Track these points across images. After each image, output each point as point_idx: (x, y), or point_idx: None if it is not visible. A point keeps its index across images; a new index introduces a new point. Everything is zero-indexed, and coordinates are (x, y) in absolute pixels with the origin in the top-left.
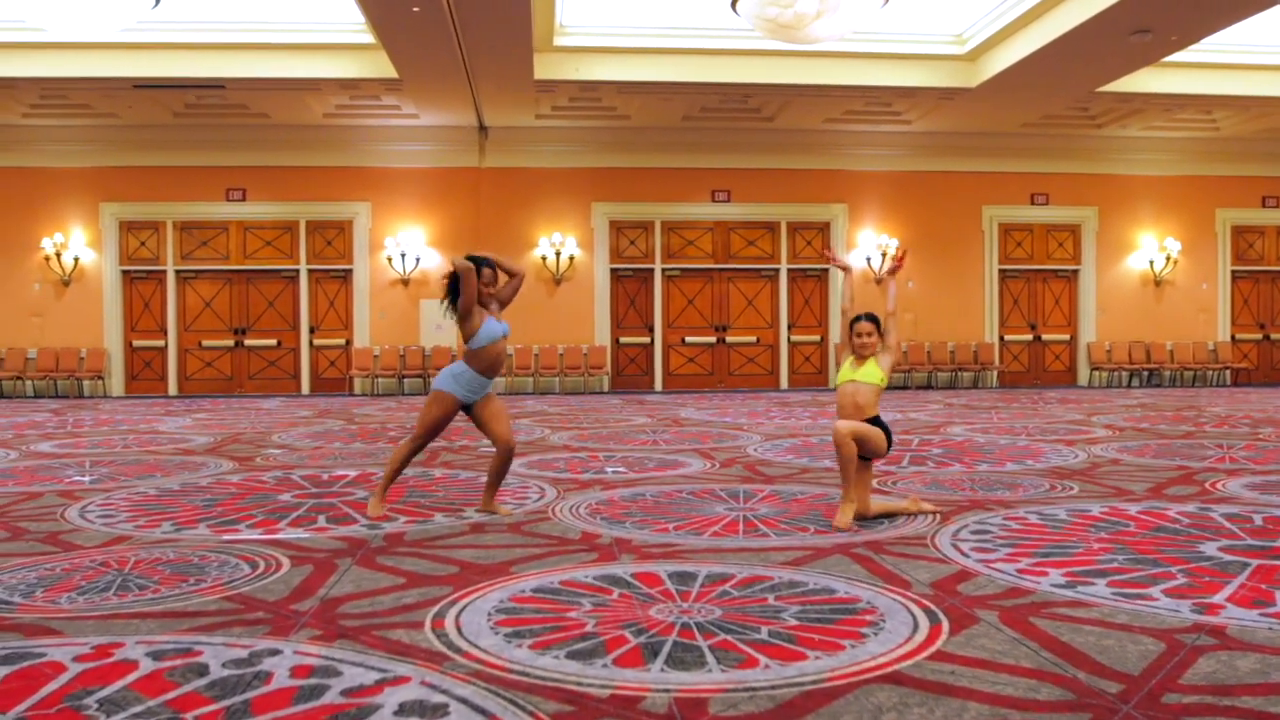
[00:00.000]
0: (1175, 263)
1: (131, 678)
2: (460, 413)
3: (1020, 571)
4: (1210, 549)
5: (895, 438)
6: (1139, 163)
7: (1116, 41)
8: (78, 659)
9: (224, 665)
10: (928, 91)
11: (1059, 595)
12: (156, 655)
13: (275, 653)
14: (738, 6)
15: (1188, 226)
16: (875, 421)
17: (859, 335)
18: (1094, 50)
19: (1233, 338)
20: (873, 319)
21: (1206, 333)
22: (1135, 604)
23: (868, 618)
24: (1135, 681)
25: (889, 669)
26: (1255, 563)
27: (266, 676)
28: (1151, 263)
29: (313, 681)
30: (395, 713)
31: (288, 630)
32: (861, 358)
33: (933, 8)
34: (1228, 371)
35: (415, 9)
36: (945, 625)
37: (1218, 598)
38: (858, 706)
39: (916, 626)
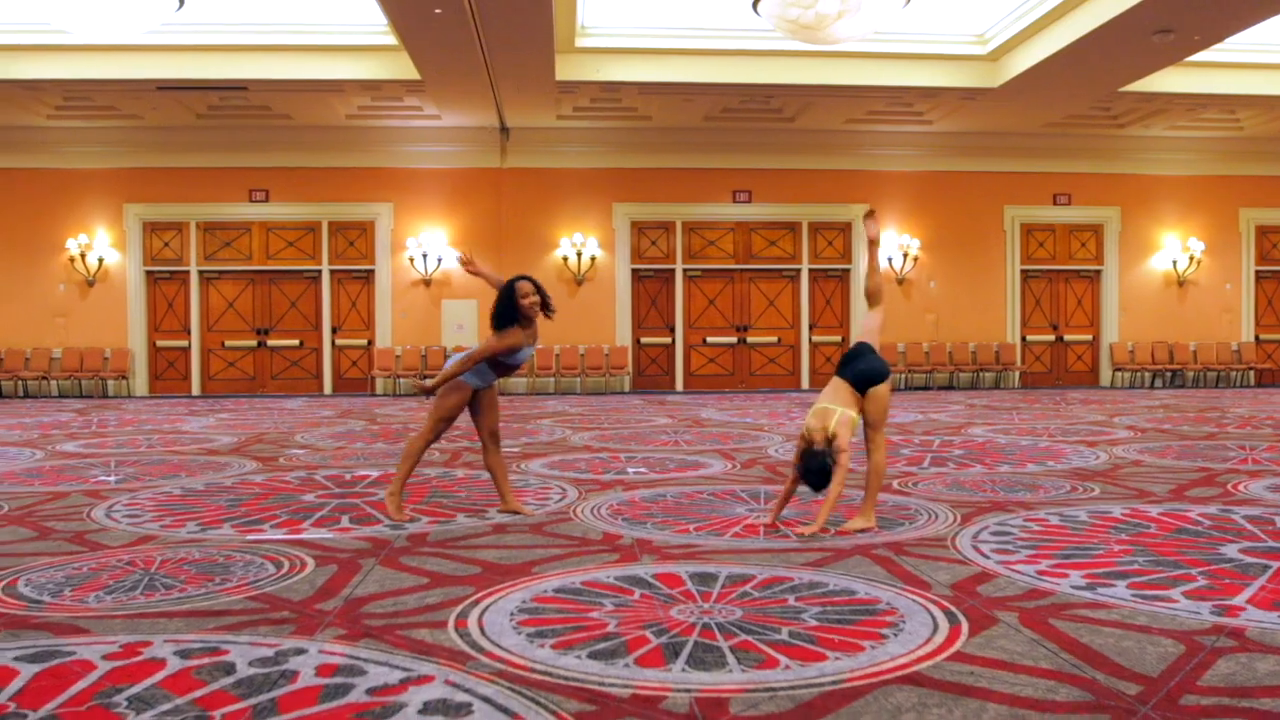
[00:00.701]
0: (1198, 263)
1: (159, 676)
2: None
3: (1040, 573)
4: (1231, 551)
5: (916, 438)
6: (1162, 162)
7: (1139, 41)
8: (106, 657)
9: (250, 664)
10: (949, 92)
11: (1079, 597)
12: (184, 654)
13: (301, 652)
14: (759, 7)
15: (1211, 226)
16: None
17: None
18: (1116, 50)
19: (1257, 338)
20: None
21: (1230, 333)
22: (1155, 606)
23: (887, 619)
24: (1154, 683)
25: (908, 670)
26: (1276, 565)
27: (292, 675)
28: (1175, 263)
29: (338, 680)
30: (420, 711)
31: (313, 629)
32: None
33: (954, 8)
34: (1251, 372)
35: (437, 11)
36: (964, 626)
37: (1238, 600)
38: (877, 707)
39: (936, 627)
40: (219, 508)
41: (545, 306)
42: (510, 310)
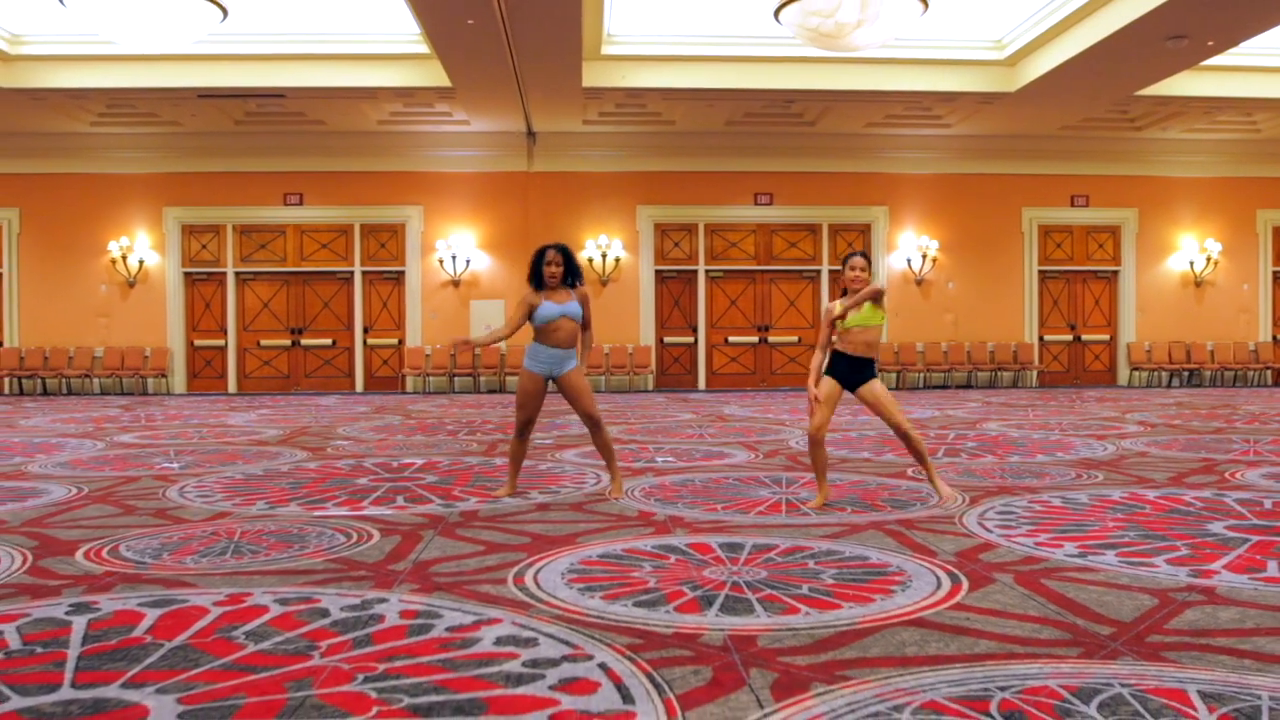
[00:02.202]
0: (1216, 263)
1: (267, 617)
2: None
3: (1038, 544)
4: (1217, 527)
5: (932, 432)
6: (1179, 164)
7: (1154, 46)
8: (216, 604)
9: (341, 609)
10: (968, 96)
11: (1070, 562)
12: (283, 601)
13: (383, 600)
14: (780, 15)
15: (1228, 227)
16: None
17: (853, 269)
18: (1132, 55)
19: (1274, 338)
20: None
21: (1247, 333)
22: (1138, 570)
23: (897, 578)
24: (1126, 627)
25: (913, 616)
26: (1256, 538)
27: (380, 617)
28: (1192, 263)
29: (419, 621)
30: (494, 643)
31: (390, 584)
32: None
33: (972, 14)
34: (1269, 371)
35: (470, 21)
36: (965, 585)
37: (1214, 565)
38: (885, 641)
39: (939, 585)
40: (282, 489)
41: (570, 275)
42: (535, 272)
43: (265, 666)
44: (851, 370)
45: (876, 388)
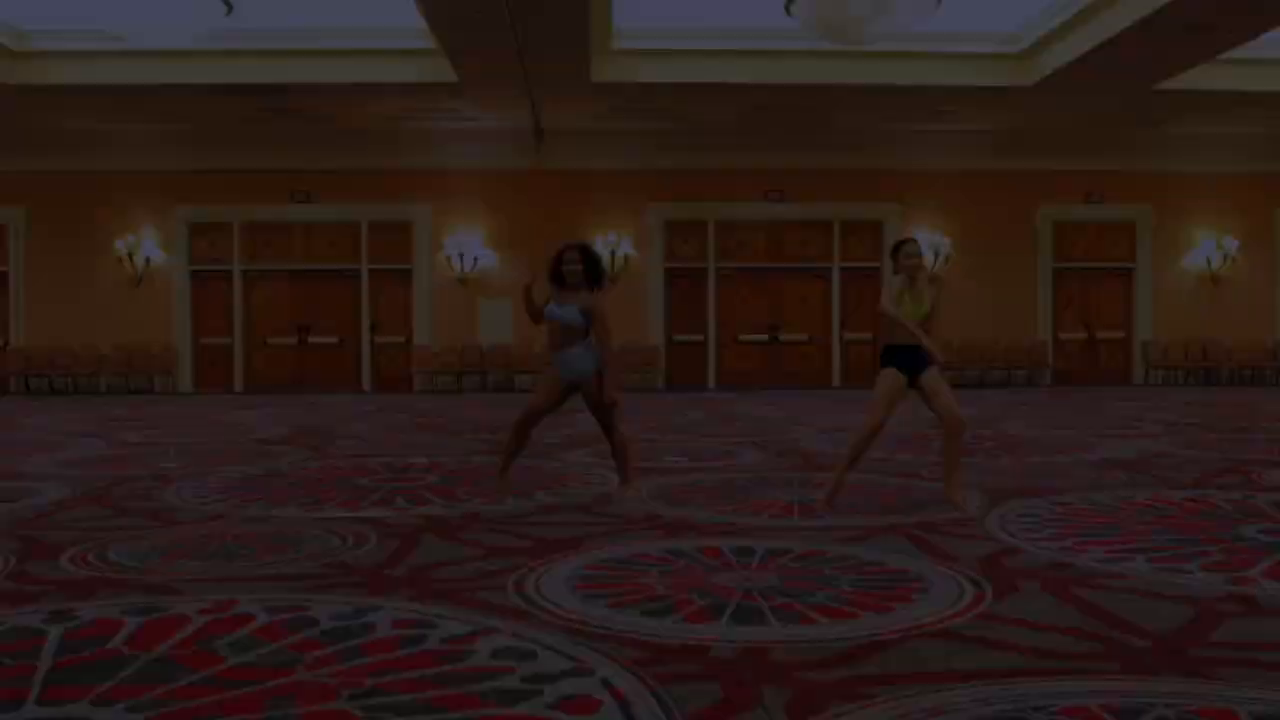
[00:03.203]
0: (1233, 260)
1: (252, 627)
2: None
3: (1063, 548)
4: (1250, 531)
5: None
6: (1196, 160)
7: (1171, 39)
8: (201, 611)
9: (332, 618)
10: (982, 90)
11: (1099, 569)
12: (271, 610)
13: (376, 609)
14: (792, 9)
15: (1246, 224)
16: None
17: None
18: (1149, 48)
19: None
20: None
21: (1265, 331)
22: (1171, 577)
23: (917, 585)
24: (1163, 639)
25: (937, 626)
26: None
27: (371, 627)
28: (1209, 260)
29: (413, 632)
30: (491, 656)
31: (384, 590)
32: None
33: (986, 8)
34: None
35: (477, 16)
36: (989, 592)
37: (1252, 572)
38: (907, 655)
39: (962, 593)
40: (282, 490)
41: (595, 279)
42: (553, 272)
43: (245, 681)
44: (914, 358)
45: (937, 373)
